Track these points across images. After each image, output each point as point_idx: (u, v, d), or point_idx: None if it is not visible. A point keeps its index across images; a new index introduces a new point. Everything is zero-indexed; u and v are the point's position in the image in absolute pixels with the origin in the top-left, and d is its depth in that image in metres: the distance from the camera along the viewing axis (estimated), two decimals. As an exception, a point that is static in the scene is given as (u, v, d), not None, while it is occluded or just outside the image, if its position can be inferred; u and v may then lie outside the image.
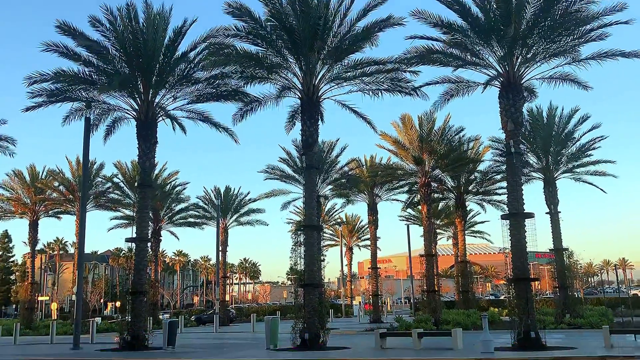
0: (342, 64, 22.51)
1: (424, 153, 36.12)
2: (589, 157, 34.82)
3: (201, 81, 24.99)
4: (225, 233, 51.17)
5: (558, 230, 33.11)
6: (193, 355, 20.74)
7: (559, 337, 22.71)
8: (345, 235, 69.10)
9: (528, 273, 20.23)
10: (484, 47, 20.79)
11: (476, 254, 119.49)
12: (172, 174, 49.12)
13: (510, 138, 20.57)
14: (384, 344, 20.77)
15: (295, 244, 22.57)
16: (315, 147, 23.46)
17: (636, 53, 20.49)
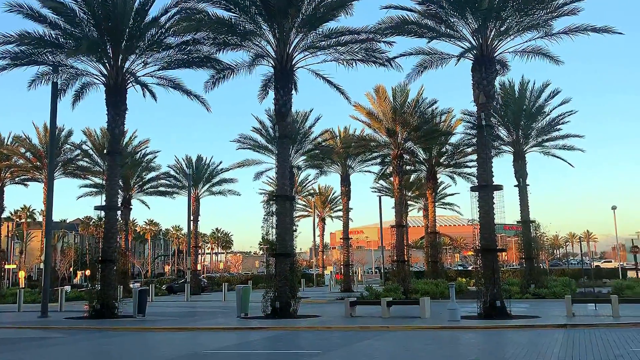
0: (317, 32, 22.23)
1: (397, 125, 36.20)
2: (558, 132, 35.39)
3: (172, 47, 24.44)
4: (197, 203, 50.86)
5: (526, 203, 33.75)
6: (163, 323, 20.77)
7: (523, 307, 23.36)
8: (318, 206, 69.39)
9: (495, 244, 20.65)
10: (458, 19, 20.73)
11: (446, 226, 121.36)
12: (142, 142, 48.34)
13: (482, 111, 20.74)
14: (353, 312, 21.10)
15: (267, 214, 22.59)
16: (288, 116, 23.31)
17: (606, 28, 20.72)
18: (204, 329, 18.89)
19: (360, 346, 13.93)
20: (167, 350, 14.46)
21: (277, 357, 12.60)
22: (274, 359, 12.48)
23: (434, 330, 16.82)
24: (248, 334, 17.34)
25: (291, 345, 14.96)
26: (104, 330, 19.42)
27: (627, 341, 13.25)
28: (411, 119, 36.60)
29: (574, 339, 13.75)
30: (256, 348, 14.54)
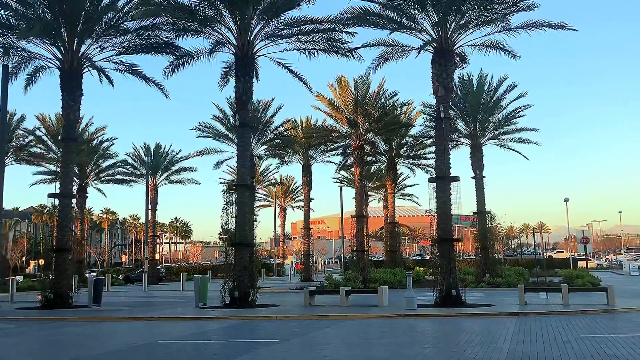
0: (279, 20, 22.06)
1: (358, 116, 36.38)
2: (514, 125, 36.20)
3: (130, 32, 23.85)
4: (155, 191, 50.06)
5: (482, 195, 34.48)
6: (119, 313, 20.44)
7: (478, 296, 23.95)
8: (279, 196, 69.25)
9: (451, 234, 21.08)
10: (419, 11, 20.91)
11: (405, 216, 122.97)
12: (99, 128, 47.20)
13: (441, 103, 21.04)
14: (312, 301, 21.21)
15: (227, 203, 22.42)
16: (249, 105, 23.15)
17: (562, 25, 21.26)
18: (161, 319, 18.68)
19: (318, 334, 14.03)
20: (122, 339, 14.24)
21: (234, 346, 12.57)
22: (231, 348, 12.44)
23: (391, 319, 17.08)
24: (206, 324, 17.23)
25: (249, 334, 14.95)
26: (57, 320, 18.98)
27: (575, 328, 13.75)
28: (372, 110, 36.86)
29: (525, 327, 14.18)
30: (213, 337, 14.47)
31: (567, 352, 10.19)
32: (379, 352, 10.93)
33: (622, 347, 10.65)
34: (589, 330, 13.29)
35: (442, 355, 10.47)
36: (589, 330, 13.41)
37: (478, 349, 10.90)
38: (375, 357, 10.38)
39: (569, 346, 10.90)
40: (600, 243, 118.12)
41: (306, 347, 11.92)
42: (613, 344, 11.06)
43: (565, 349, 10.61)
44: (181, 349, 12.41)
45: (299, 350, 11.58)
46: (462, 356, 10.17)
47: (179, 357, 11.18)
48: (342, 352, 11.11)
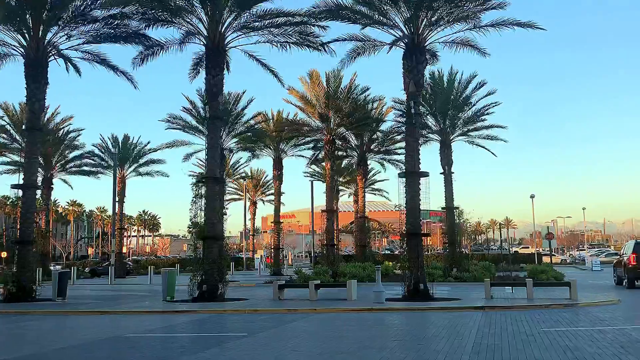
0: (250, 12, 21.87)
1: (330, 110, 36.45)
2: (483, 122, 36.78)
3: (99, 20, 23.36)
4: (123, 183, 49.32)
5: (450, 190, 34.93)
6: (84, 307, 20.09)
7: (445, 290, 24.26)
8: (249, 190, 68.96)
9: (420, 229, 21.28)
10: (391, 7, 20.98)
11: (375, 211, 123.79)
12: (65, 118, 46.29)
13: (411, 99, 21.19)
14: (281, 295, 21.19)
15: (196, 196, 22.18)
16: (220, 97, 22.93)
17: (531, 23, 21.61)
18: (127, 313, 18.42)
19: (287, 328, 14.03)
20: (87, 333, 13.99)
21: (202, 340, 12.49)
22: (199, 341, 12.35)
23: (359, 312, 17.18)
24: (173, 317, 17.07)
25: (217, 328, 14.86)
26: (19, 314, 18.57)
27: (539, 322, 14.04)
28: (344, 105, 36.97)
29: (491, 320, 14.42)
30: (181, 331, 14.34)
31: (531, 345, 10.41)
32: (346, 345, 10.99)
33: (582, 340, 10.93)
34: (552, 324, 13.60)
35: (409, 349, 10.58)
36: (552, 323, 13.72)
37: (444, 342, 11.05)
38: (342, 350, 10.44)
39: (532, 339, 11.14)
40: (565, 239, 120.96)
41: (274, 341, 11.92)
42: (574, 336, 11.34)
43: (528, 342, 10.84)
44: (148, 343, 12.27)
45: (267, 343, 11.57)
46: (429, 349, 10.30)
47: (146, 352, 11.05)
48: (310, 345, 11.14)
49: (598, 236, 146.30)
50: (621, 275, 26.75)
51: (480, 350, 9.97)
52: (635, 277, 24.97)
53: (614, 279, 28.63)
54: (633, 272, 24.78)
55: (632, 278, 25.03)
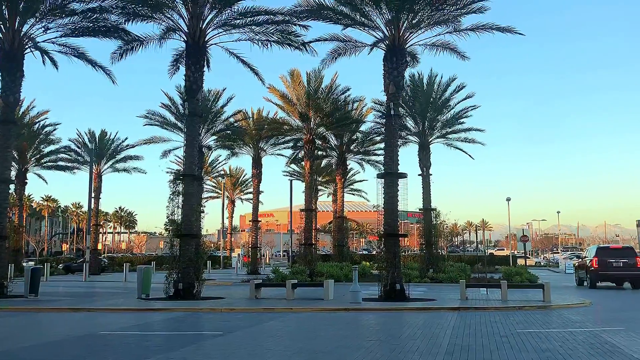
0: (232, 9, 21.77)
1: (310, 110, 36.45)
2: (461, 125, 37.08)
3: (77, 13, 22.98)
4: (100, 179, 48.68)
5: (428, 192, 35.17)
6: (57, 304, 19.79)
7: (421, 290, 24.46)
8: (228, 188, 68.59)
9: (397, 230, 21.39)
10: (373, 8, 21.06)
11: (353, 211, 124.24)
12: (41, 112, 45.53)
13: (391, 101, 21.31)
14: (258, 294, 21.14)
15: (173, 193, 22.02)
16: (199, 94, 22.78)
17: (509, 28, 21.89)
18: (101, 310, 18.19)
19: (263, 327, 13.99)
20: (60, 331, 13.79)
21: (177, 338, 12.38)
22: (174, 340, 12.25)
23: (336, 312, 17.22)
24: (148, 315, 16.91)
25: (192, 326, 14.76)
26: (-11, 310, 18.18)
27: (513, 323, 14.23)
28: (324, 105, 37.02)
29: (465, 321, 14.57)
30: (156, 329, 14.21)
31: (504, 346, 10.54)
32: (322, 345, 11.01)
33: (554, 341, 11.11)
34: (525, 325, 13.79)
35: (384, 348, 10.64)
36: (525, 325, 13.92)
37: (419, 342, 11.14)
38: (318, 350, 10.45)
39: (505, 340, 11.29)
40: (539, 242, 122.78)
41: (250, 340, 11.88)
42: (547, 338, 11.52)
43: (502, 342, 10.98)
44: (122, 340, 12.14)
45: (243, 342, 11.52)
46: (404, 349, 10.37)
47: (119, 349, 10.93)
48: (286, 345, 11.13)
49: (572, 239, 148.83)
50: (582, 277, 29.55)
51: (454, 351, 10.07)
52: (597, 279, 27.49)
53: (576, 280, 31.46)
54: (595, 274, 27.36)
55: (594, 279, 27.57)
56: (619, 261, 27.09)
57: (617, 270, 27.03)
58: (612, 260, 27.16)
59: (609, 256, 27.45)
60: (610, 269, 27.02)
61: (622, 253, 27.98)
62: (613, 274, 27.25)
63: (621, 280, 27.77)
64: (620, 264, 27.01)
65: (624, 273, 27.09)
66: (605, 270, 27.06)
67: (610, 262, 27.10)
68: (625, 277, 27.43)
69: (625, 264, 26.96)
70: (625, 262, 27.03)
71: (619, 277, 27.54)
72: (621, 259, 27.20)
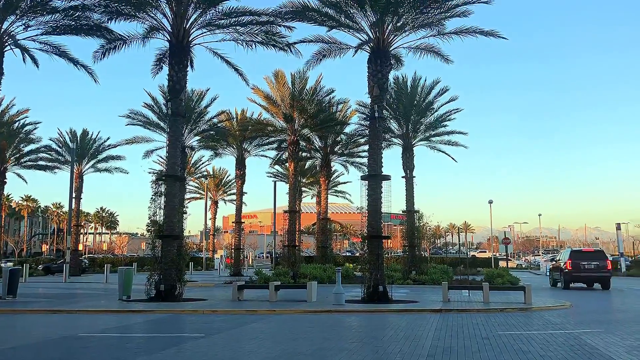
0: (216, 9, 21.63)
1: (294, 111, 36.38)
2: (445, 127, 37.29)
3: (59, 11, 22.66)
4: (81, 179, 48.09)
5: (411, 194, 35.32)
6: (36, 305, 19.50)
7: (404, 292, 24.53)
8: (211, 189, 68.25)
9: (381, 231, 21.42)
10: (358, 10, 21.07)
11: (337, 213, 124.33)
12: (21, 111, 44.77)
13: (375, 103, 21.35)
14: (241, 296, 21.03)
15: (155, 194, 21.83)
16: (182, 94, 22.62)
17: (493, 32, 22.03)
18: (81, 312, 17.95)
19: (245, 329, 13.92)
20: (38, 333, 13.57)
21: (158, 341, 12.26)
22: (155, 342, 12.13)
23: (319, 314, 17.19)
24: (129, 317, 16.72)
25: (174, 328, 14.64)
26: (-34, 312, 17.84)
27: (494, 325, 14.33)
28: (309, 106, 36.97)
29: (447, 323, 14.64)
30: (137, 331, 14.05)
31: (485, 348, 10.60)
32: (304, 347, 10.97)
33: (535, 342, 11.20)
34: (506, 327, 13.89)
35: (367, 350, 10.64)
36: (507, 327, 14.02)
37: (402, 343, 11.16)
38: (300, 352, 10.41)
39: (487, 342, 11.35)
40: (521, 244, 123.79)
41: (232, 342, 11.80)
42: (528, 340, 11.61)
43: (483, 344, 11.04)
44: (102, 342, 11.99)
45: (225, 344, 11.44)
46: (386, 351, 10.37)
47: (99, 351, 10.78)
48: (268, 347, 11.07)
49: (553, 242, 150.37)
50: (557, 278, 31.03)
51: (436, 353, 10.10)
52: (571, 280, 28.97)
53: (550, 281, 32.87)
54: (569, 275, 28.81)
55: (567, 280, 29.04)
56: (590, 264, 28.55)
57: (588, 272, 28.51)
58: (585, 262, 28.59)
59: (582, 259, 28.82)
60: (583, 270, 28.46)
61: (594, 256, 29.34)
62: (585, 276, 28.69)
63: (592, 281, 29.25)
64: (592, 266, 28.51)
65: (594, 275, 28.61)
66: (578, 272, 28.51)
67: (583, 265, 28.53)
68: (595, 279, 28.92)
69: (596, 267, 28.49)
70: (596, 264, 28.53)
71: (590, 279, 29.04)
72: (593, 261, 28.64)
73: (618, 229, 50.82)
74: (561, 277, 29.84)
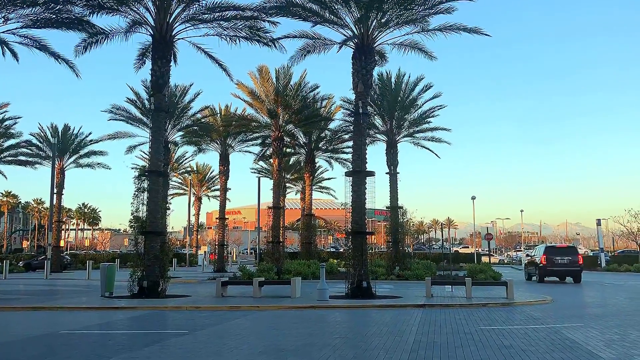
0: (200, 4, 21.44)
1: (279, 107, 36.32)
2: (428, 124, 37.48)
3: (39, 4, 22.22)
4: (62, 175, 47.49)
5: (395, 190, 35.46)
6: (16, 302, 19.26)
7: (388, 287, 24.65)
8: (194, 185, 67.88)
9: (365, 227, 21.49)
10: (342, 6, 21.06)
11: (321, 209, 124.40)
12: (1, 105, 44.06)
13: (359, 99, 21.38)
14: (224, 292, 20.97)
15: (138, 190, 21.65)
16: (165, 89, 22.45)
17: (476, 29, 22.19)
18: (62, 309, 17.76)
19: (228, 325, 13.88)
20: (19, 330, 13.40)
21: (141, 337, 12.18)
22: (137, 338, 12.05)
23: (303, 310, 17.21)
24: (111, 314, 16.60)
25: (157, 325, 14.55)
26: (-56, 310, 17.56)
27: (477, 320, 14.45)
28: (293, 102, 36.94)
29: (431, 318, 14.74)
30: (119, 328, 13.95)
31: (468, 343, 10.70)
32: (288, 343, 10.98)
33: (517, 337, 11.32)
34: (489, 322, 14.02)
35: (351, 345, 10.68)
36: (489, 322, 14.16)
37: (385, 339, 11.21)
38: (284, 347, 10.41)
39: (470, 337, 11.45)
40: (503, 240, 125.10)
41: (215, 338, 11.76)
42: (509, 334, 11.74)
43: (466, 339, 11.14)
44: (83, 339, 11.87)
45: (208, 341, 11.40)
46: (370, 346, 10.42)
47: (81, 348, 10.68)
48: (252, 343, 11.06)
49: (534, 238, 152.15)
50: (531, 272, 32.73)
51: (419, 348, 10.17)
52: (545, 274, 30.69)
53: (525, 275, 34.46)
54: (543, 270, 30.49)
55: (542, 275, 30.75)
56: (563, 258, 30.34)
57: (561, 267, 30.32)
58: (558, 257, 30.34)
59: (555, 254, 30.54)
60: (556, 265, 30.21)
61: (566, 252, 31.23)
62: (558, 270, 30.53)
63: (565, 275, 31.07)
64: (564, 261, 30.24)
65: (567, 269, 30.38)
66: (552, 266, 30.22)
67: (557, 260, 30.26)
68: (568, 273, 30.71)
69: (569, 261, 30.21)
70: (569, 259, 30.31)
71: (563, 273, 30.90)
72: (565, 256, 30.45)
73: (598, 224, 51.56)
74: (536, 272, 31.41)
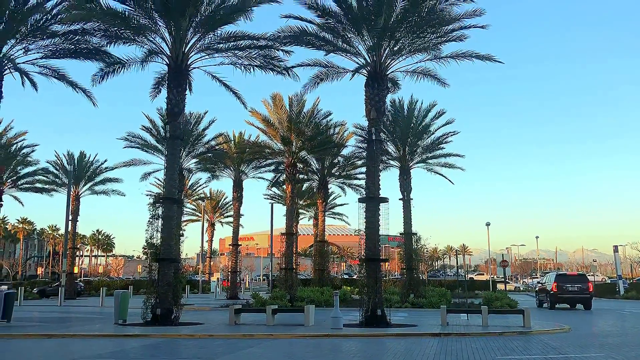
0: (215, 34, 21.87)
1: (292, 134, 36.52)
2: (441, 150, 37.38)
3: (58, 35, 22.87)
4: (77, 202, 47.93)
5: (409, 216, 35.28)
6: (31, 330, 19.28)
7: (402, 315, 24.36)
8: (208, 211, 68.09)
9: (379, 254, 21.35)
10: (355, 35, 21.33)
11: (334, 235, 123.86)
12: (19, 133, 44.82)
13: (372, 126, 21.46)
14: (238, 319, 20.85)
15: (152, 216, 21.78)
16: (181, 117, 22.74)
17: (489, 56, 22.28)
18: (76, 336, 17.76)
19: (242, 354, 13.77)
20: (32, 358, 13.40)
21: (154, 366, 12.13)
22: (150, 367, 11.99)
23: (317, 338, 17.04)
24: (125, 342, 16.54)
25: (170, 353, 14.47)
26: (-40, 337, 17.62)
27: (493, 349, 14.21)
28: (306, 129, 37.13)
29: (446, 347, 14.51)
30: (132, 356, 13.89)
31: (485, 373, 10.50)
32: (303, 373, 10.84)
33: (535, 367, 11.09)
34: (505, 352, 13.78)
35: (366, 376, 10.52)
36: (506, 351, 13.91)
37: (400, 369, 11.04)
38: (299, 378, 10.29)
39: (486, 367, 11.24)
40: (518, 266, 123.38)
41: (229, 367, 11.66)
42: (527, 364, 11.50)
43: (483, 369, 10.93)
44: (97, 368, 11.83)
45: (222, 370, 11.30)
46: (385, 377, 10.26)
47: (94, 378, 10.64)
48: (265, 373, 10.95)
49: (550, 264, 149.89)
50: (542, 299, 33.51)
51: (435, 378, 10.00)
52: (556, 301, 31.44)
53: (536, 302, 35.11)
54: (554, 297, 31.31)
55: (553, 301, 31.48)
56: (574, 286, 31.07)
57: (572, 294, 31.09)
58: (569, 285, 31.10)
59: (566, 282, 31.40)
60: (567, 292, 30.98)
61: (577, 279, 32.00)
62: (569, 297, 31.25)
63: (575, 302, 31.69)
64: (575, 288, 30.99)
65: (577, 296, 31.14)
66: (562, 293, 30.99)
67: (567, 287, 31.03)
68: (578, 300, 31.42)
69: (579, 289, 30.97)
70: (579, 287, 31.06)
71: (573, 300, 31.57)
72: (576, 284, 31.18)
73: (615, 251, 50.74)
74: (547, 298, 32.11)
